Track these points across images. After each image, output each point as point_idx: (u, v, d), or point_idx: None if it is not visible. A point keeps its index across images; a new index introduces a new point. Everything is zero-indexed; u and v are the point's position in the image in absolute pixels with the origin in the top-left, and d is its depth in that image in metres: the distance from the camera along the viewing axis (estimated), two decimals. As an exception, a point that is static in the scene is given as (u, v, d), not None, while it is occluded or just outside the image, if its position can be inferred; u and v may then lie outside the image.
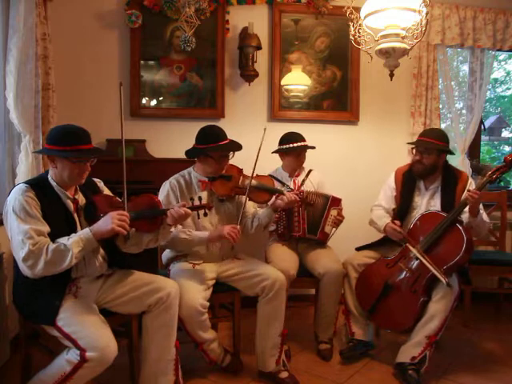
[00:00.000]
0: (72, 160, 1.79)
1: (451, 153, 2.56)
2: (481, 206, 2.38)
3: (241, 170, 2.46)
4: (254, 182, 2.34)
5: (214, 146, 2.30)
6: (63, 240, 1.71)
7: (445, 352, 2.63)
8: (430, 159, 2.47)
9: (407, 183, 2.59)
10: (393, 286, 2.37)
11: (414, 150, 2.54)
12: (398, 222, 2.47)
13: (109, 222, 1.72)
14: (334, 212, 2.64)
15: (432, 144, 2.46)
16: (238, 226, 2.22)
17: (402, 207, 2.58)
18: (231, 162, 2.43)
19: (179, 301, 2.03)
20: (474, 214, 2.33)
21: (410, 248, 2.34)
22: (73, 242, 1.69)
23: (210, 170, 2.37)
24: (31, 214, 1.69)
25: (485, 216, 2.42)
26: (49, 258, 1.65)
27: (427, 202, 2.54)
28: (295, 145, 2.71)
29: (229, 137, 2.38)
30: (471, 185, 2.49)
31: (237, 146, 2.38)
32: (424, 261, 2.26)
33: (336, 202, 2.66)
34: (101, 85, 3.24)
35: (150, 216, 1.91)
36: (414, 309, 2.27)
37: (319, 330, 2.64)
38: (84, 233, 1.74)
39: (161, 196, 2.33)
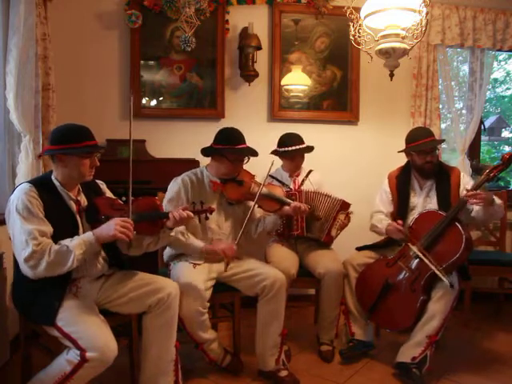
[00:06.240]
0: (83, 155, 1.81)
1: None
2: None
3: (253, 176, 2.45)
4: (264, 190, 2.34)
5: (231, 148, 2.30)
6: (66, 242, 1.71)
7: (445, 352, 2.63)
8: (435, 156, 2.55)
9: (402, 186, 2.64)
10: (392, 285, 2.37)
11: (416, 154, 2.54)
12: (400, 222, 2.48)
13: (112, 227, 1.72)
14: (341, 216, 2.64)
15: (435, 142, 2.57)
16: (235, 246, 2.23)
17: (400, 210, 2.60)
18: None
19: (179, 301, 2.03)
20: (490, 204, 2.29)
21: (411, 246, 2.35)
22: (75, 245, 1.69)
23: (223, 171, 2.36)
24: (34, 213, 1.69)
25: (498, 200, 2.39)
26: (51, 260, 1.65)
27: (423, 201, 2.57)
28: (289, 149, 2.71)
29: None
30: (464, 178, 2.54)
31: (253, 152, 2.37)
32: (425, 259, 2.27)
33: (345, 206, 2.65)
34: (101, 85, 3.24)
35: (152, 219, 1.91)
36: (414, 308, 2.27)
37: (321, 331, 2.64)
38: (87, 236, 1.74)
39: (171, 192, 2.32)
